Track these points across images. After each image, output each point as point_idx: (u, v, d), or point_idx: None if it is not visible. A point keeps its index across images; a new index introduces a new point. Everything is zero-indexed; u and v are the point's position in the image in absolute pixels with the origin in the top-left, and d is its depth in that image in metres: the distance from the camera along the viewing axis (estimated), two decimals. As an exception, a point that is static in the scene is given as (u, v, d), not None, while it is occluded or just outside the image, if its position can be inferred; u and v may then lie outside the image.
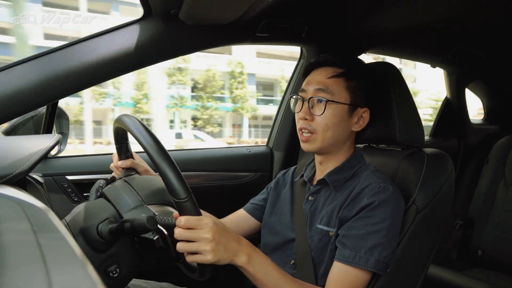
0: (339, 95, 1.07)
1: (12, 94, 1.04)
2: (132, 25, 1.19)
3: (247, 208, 1.34)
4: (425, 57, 2.20)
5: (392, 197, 1.02)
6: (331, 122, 1.07)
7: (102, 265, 0.82)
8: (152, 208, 0.88)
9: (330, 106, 1.06)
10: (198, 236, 0.81)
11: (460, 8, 1.49)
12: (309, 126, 1.08)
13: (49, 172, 1.48)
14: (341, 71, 1.09)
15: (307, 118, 1.08)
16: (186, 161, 1.70)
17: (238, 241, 0.88)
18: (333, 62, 1.10)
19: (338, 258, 0.99)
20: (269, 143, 1.92)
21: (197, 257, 0.82)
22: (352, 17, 1.50)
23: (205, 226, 0.82)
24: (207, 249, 0.81)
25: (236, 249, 0.87)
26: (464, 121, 2.50)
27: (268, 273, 0.90)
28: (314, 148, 1.10)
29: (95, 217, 0.84)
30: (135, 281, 1.19)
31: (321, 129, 1.07)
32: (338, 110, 1.07)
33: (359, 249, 0.97)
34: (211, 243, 0.82)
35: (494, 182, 2.14)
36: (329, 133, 1.07)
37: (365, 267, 0.97)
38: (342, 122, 1.08)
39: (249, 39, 1.43)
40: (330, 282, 0.98)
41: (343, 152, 1.14)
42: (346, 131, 1.11)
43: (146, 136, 0.80)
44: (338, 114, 1.07)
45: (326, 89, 1.07)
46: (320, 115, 1.07)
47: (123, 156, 1.09)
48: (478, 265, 2.05)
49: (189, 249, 0.82)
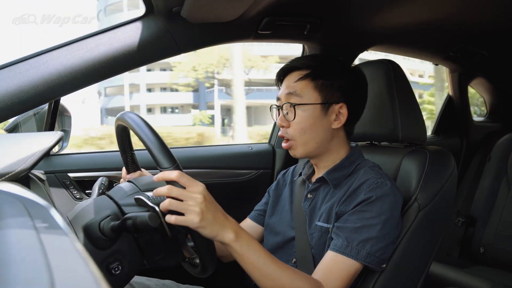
0: (308, 96, 1.08)
1: (14, 91, 1.04)
2: (134, 23, 1.19)
3: (252, 216, 1.34)
4: (427, 55, 2.20)
5: (390, 192, 1.02)
6: (306, 125, 1.07)
7: (104, 262, 0.82)
8: (148, 193, 0.89)
9: (300, 108, 1.07)
10: (189, 195, 0.80)
11: (462, 6, 1.49)
12: (286, 133, 1.10)
13: (51, 169, 1.48)
14: (307, 73, 1.09)
15: (283, 125, 1.10)
16: (188, 159, 1.70)
17: (226, 216, 0.88)
18: (298, 66, 1.11)
19: (331, 247, 1.00)
20: (271, 140, 1.92)
21: (182, 218, 0.80)
22: (354, 15, 1.50)
23: (197, 187, 0.81)
24: (196, 209, 0.79)
25: (223, 222, 0.85)
26: (466, 119, 2.50)
27: (256, 253, 0.89)
28: (299, 155, 1.11)
29: (97, 214, 0.84)
30: (137, 278, 1.19)
31: (298, 133, 1.08)
32: (310, 111, 1.07)
33: (351, 240, 0.98)
34: (201, 205, 0.80)
35: (496, 180, 2.13)
36: (306, 136, 1.08)
37: (355, 259, 0.97)
38: (318, 123, 1.08)
39: (251, 36, 1.43)
40: (319, 269, 0.99)
41: (334, 150, 1.13)
42: (326, 130, 1.10)
43: (133, 117, 0.86)
44: (311, 116, 1.07)
45: (295, 93, 1.08)
46: (293, 120, 1.08)
47: (131, 169, 1.10)
48: (480, 263, 2.04)
49: (176, 207, 0.79)
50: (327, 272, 0.97)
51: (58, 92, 1.12)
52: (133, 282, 1.15)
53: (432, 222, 1.11)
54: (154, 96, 30.74)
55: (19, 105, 1.06)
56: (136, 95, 29.96)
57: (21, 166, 0.74)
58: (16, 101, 1.04)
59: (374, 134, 1.25)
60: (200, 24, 1.26)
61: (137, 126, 0.84)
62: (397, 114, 1.18)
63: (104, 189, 1.02)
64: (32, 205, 0.56)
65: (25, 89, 1.05)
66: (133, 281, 1.15)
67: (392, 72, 1.21)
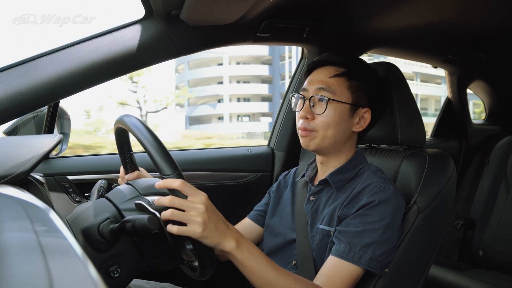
0: (340, 94, 1.07)
1: (14, 94, 1.04)
2: (133, 26, 1.19)
3: (251, 216, 1.34)
4: (426, 58, 2.20)
5: (392, 196, 1.02)
6: (333, 121, 1.06)
7: (103, 265, 0.82)
8: (148, 198, 0.89)
9: (332, 105, 1.06)
10: (191, 206, 0.80)
11: (461, 10, 1.49)
12: (308, 125, 1.08)
13: (50, 172, 1.48)
14: (343, 71, 1.08)
15: (308, 117, 1.07)
16: (187, 161, 1.70)
17: (227, 224, 0.87)
18: (335, 62, 1.10)
19: (333, 252, 1.00)
20: (270, 143, 1.92)
21: (185, 228, 0.80)
22: (353, 18, 1.50)
23: (199, 197, 0.81)
24: (198, 220, 0.79)
25: (225, 231, 0.85)
26: (465, 122, 2.50)
27: (256, 260, 0.89)
28: (313, 145, 1.09)
29: (96, 217, 0.84)
30: (136, 281, 1.19)
31: (321, 127, 1.07)
32: (339, 109, 1.07)
33: (354, 245, 0.98)
34: (203, 215, 0.80)
35: (495, 183, 2.13)
36: (330, 131, 1.07)
37: (357, 264, 0.97)
38: (343, 122, 1.08)
39: (250, 39, 1.43)
40: (321, 275, 0.98)
41: (344, 152, 1.14)
42: (347, 131, 1.10)
43: (134, 121, 0.85)
44: (339, 113, 1.07)
45: (328, 88, 1.07)
46: (321, 114, 1.06)
47: (129, 169, 1.10)
48: (479, 266, 2.04)
49: (179, 218, 0.79)
50: (329, 277, 0.97)
51: (57, 95, 1.12)
52: (131, 285, 1.15)
53: (431, 225, 1.11)
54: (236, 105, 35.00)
55: (18, 108, 1.05)
56: (219, 104, 34.09)
57: (20, 169, 0.74)
58: (15, 104, 1.04)
59: (373, 137, 1.25)
60: (199, 27, 1.26)
61: (138, 131, 0.83)
62: (397, 116, 1.18)
63: (103, 191, 1.01)
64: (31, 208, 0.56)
65: (24, 91, 1.05)
66: (132, 284, 1.15)
67: (391, 74, 1.21)
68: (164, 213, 0.80)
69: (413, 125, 1.22)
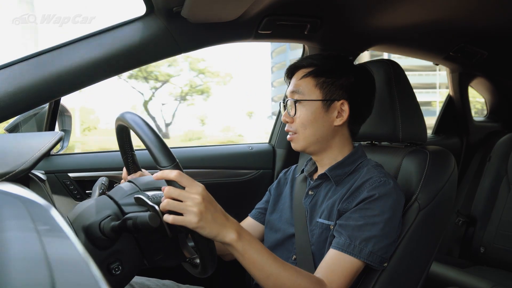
0: (309, 93, 1.11)
1: (15, 91, 1.04)
2: (134, 23, 1.19)
3: (253, 215, 1.34)
4: (427, 55, 2.20)
5: (392, 191, 1.02)
6: (307, 120, 1.10)
7: (104, 262, 0.82)
8: (148, 193, 0.89)
9: (302, 105, 1.11)
10: (187, 196, 0.80)
11: (462, 7, 1.49)
12: (290, 127, 1.14)
13: (51, 170, 1.48)
14: (309, 70, 1.12)
15: (288, 120, 1.14)
16: (188, 158, 1.70)
17: (226, 216, 0.87)
18: (303, 65, 1.15)
19: (333, 245, 1.01)
20: (271, 140, 1.92)
21: (180, 218, 0.79)
22: (354, 15, 1.50)
23: (196, 187, 0.81)
24: (194, 210, 0.79)
25: (224, 222, 0.85)
26: (466, 119, 2.50)
27: (257, 252, 0.89)
28: (299, 147, 1.14)
29: (98, 214, 0.84)
30: (137, 279, 1.19)
31: (300, 128, 1.12)
32: (310, 107, 1.10)
33: (354, 238, 0.98)
34: (199, 205, 0.80)
35: (497, 180, 2.13)
36: (308, 131, 1.11)
37: (357, 257, 0.98)
38: (319, 119, 1.10)
39: (251, 36, 1.43)
40: (322, 268, 0.99)
41: (336, 148, 1.14)
42: (327, 127, 1.11)
43: (133, 116, 0.86)
44: (312, 112, 1.10)
45: (297, 90, 1.12)
46: (295, 116, 1.12)
47: (131, 170, 1.10)
48: (481, 263, 2.04)
49: (174, 207, 0.79)
50: (330, 270, 0.98)
51: (59, 92, 1.12)
52: (133, 282, 1.15)
53: (433, 222, 1.11)
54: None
55: (19, 105, 1.06)
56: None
57: (21, 166, 0.74)
58: (16, 101, 1.04)
59: (374, 134, 1.25)
60: (200, 24, 1.26)
61: (136, 125, 0.84)
62: (398, 114, 1.18)
63: (104, 189, 1.02)
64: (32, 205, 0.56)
65: (25, 89, 1.05)
66: (133, 281, 1.15)
67: (392, 72, 1.21)
68: (161, 203, 0.80)
69: (414, 122, 1.21)
